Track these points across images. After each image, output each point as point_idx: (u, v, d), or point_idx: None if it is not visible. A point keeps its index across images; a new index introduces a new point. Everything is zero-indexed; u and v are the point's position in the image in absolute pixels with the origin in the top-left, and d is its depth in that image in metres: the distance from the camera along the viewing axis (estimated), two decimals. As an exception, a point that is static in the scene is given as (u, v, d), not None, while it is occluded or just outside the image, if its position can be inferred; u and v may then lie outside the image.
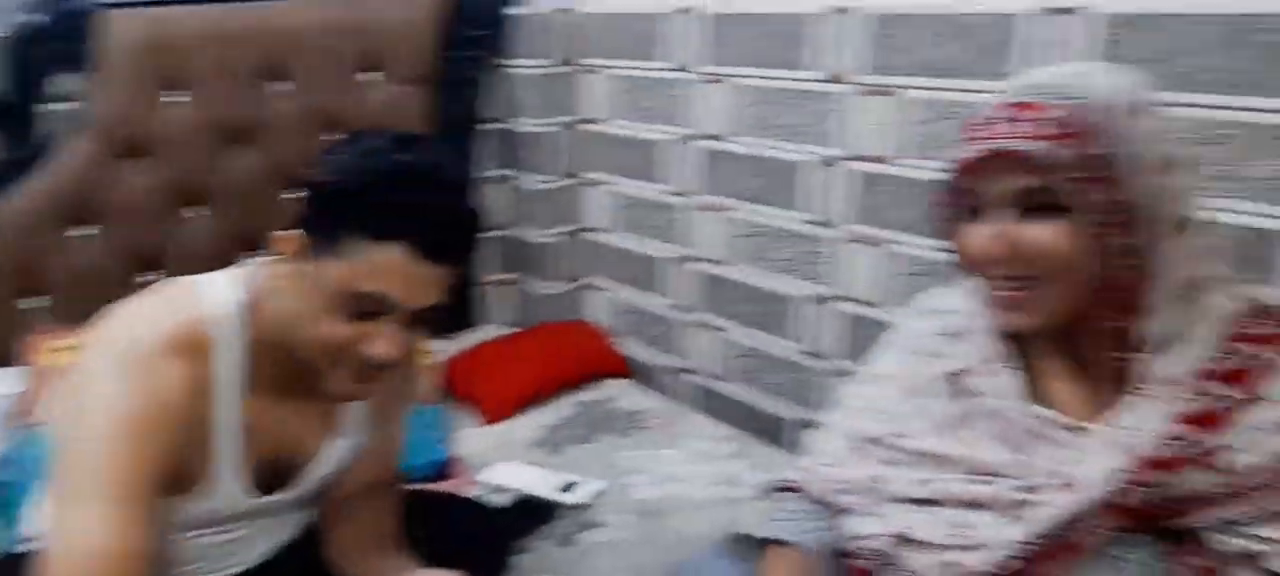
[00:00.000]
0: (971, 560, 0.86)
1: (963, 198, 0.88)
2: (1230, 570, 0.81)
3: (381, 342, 0.93)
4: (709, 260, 2.11)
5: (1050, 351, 0.92)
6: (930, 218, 0.95)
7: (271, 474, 1.07)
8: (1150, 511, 0.82)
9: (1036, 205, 0.83)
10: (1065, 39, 1.38)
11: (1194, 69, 1.26)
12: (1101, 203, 0.80)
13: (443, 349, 2.05)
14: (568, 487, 1.61)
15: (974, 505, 0.88)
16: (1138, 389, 0.84)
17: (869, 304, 1.77)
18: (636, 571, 1.40)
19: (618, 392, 2.05)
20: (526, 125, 2.31)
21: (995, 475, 0.88)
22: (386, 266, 0.90)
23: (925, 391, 0.97)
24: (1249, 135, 1.22)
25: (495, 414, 1.91)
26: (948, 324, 0.99)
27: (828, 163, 1.78)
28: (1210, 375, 0.83)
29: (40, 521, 1.02)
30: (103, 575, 0.87)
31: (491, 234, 2.43)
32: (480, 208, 0.99)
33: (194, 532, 1.06)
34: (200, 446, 1.00)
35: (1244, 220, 1.25)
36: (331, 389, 0.98)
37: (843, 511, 1.00)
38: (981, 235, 0.86)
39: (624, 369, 2.18)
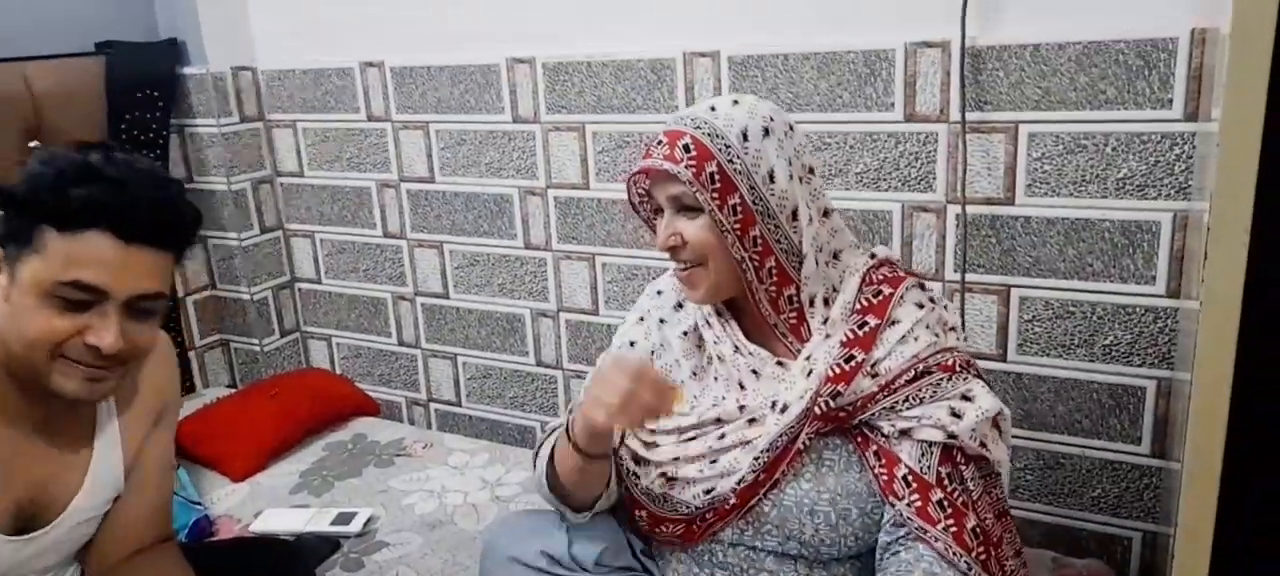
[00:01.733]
0: (725, 485, 1.11)
1: (648, 202, 1.17)
2: (895, 444, 1.08)
3: (100, 331, 0.95)
4: (430, 294, 2.26)
5: (745, 316, 1.17)
6: (639, 219, 1.22)
7: (27, 515, 1.04)
8: (838, 415, 1.08)
9: (686, 206, 1.10)
10: (704, 77, 1.75)
11: (801, 94, 1.68)
12: (723, 206, 1.07)
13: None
14: (342, 519, 1.69)
15: (720, 440, 1.12)
16: (816, 330, 1.12)
17: (584, 312, 2.05)
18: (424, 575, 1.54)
19: (368, 428, 2.12)
20: (217, 184, 2.29)
21: (730, 409, 1.12)
22: (85, 254, 0.93)
23: (666, 353, 1.21)
24: (850, 139, 1.67)
25: (242, 470, 1.89)
26: (671, 298, 1.24)
27: (532, 193, 2.03)
28: (859, 311, 1.11)
29: None
30: None
31: (194, 297, 2.37)
32: (183, 195, 1.04)
33: None
34: None
35: (857, 205, 1.69)
36: (61, 387, 0.98)
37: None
38: (660, 229, 1.13)
39: (372, 406, 2.25)
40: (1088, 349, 1.56)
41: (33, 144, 1.95)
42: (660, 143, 1.10)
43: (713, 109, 1.11)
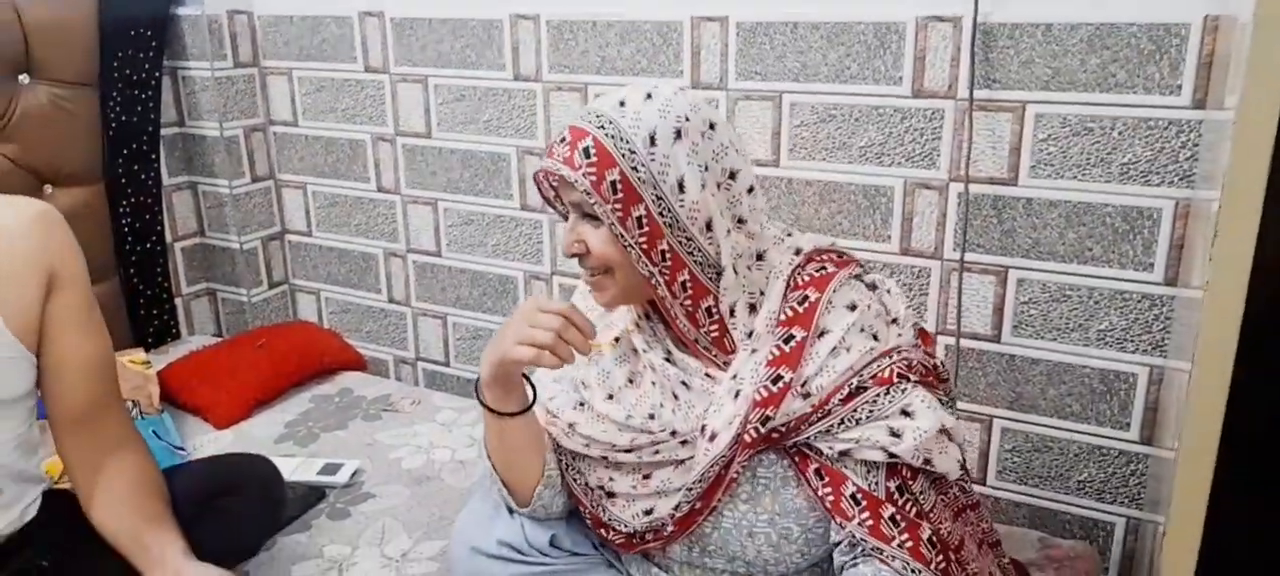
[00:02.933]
0: (662, 507, 1.08)
1: (557, 203, 1.09)
2: (837, 463, 1.01)
3: None
4: (422, 251, 2.24)
5: (672, 324, 1.09)
6: (556, 212, 1.12)
7: None
8: (770, 438, 1.00)
9: (588, 214, 1.02)
10: (711, 43, 1.73)
11: (809, 64, 1.66)
12: (626, 218, 0.98)
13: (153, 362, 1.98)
14: (329, 469, 1.68)
15: (653, 455, 1.08)
16: (741, 344, 1.06)
17: (578, 276, 2.02)
18: (411, 527, 1.53)
19: (356, 383, 2.10)
20: (209, 129, 2.26)
21: (662, 427, 1.06)
22: None
23: (601, 357, 1.14)
24: (856, 112, 1.65)
25: (225, 418, 1.87)
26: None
27: (531, 153, 2.01)
28: (784, 321, 1.03)
29: None
30: None
31: (182, 243, 2.34)
32: None
33: None
34: None
35: (859, 180, 1.68)
36: None
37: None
38: (565, 233, 1.06)
39: (360, 362, 2.23)
40: (1082, 333, 1.56)
41: (22, 77, 1.91)
42: (563, 140, 1.01)
43: (623, 104, 1.01)
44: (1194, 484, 1.06)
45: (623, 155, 0.99)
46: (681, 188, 1.00)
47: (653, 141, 0.99)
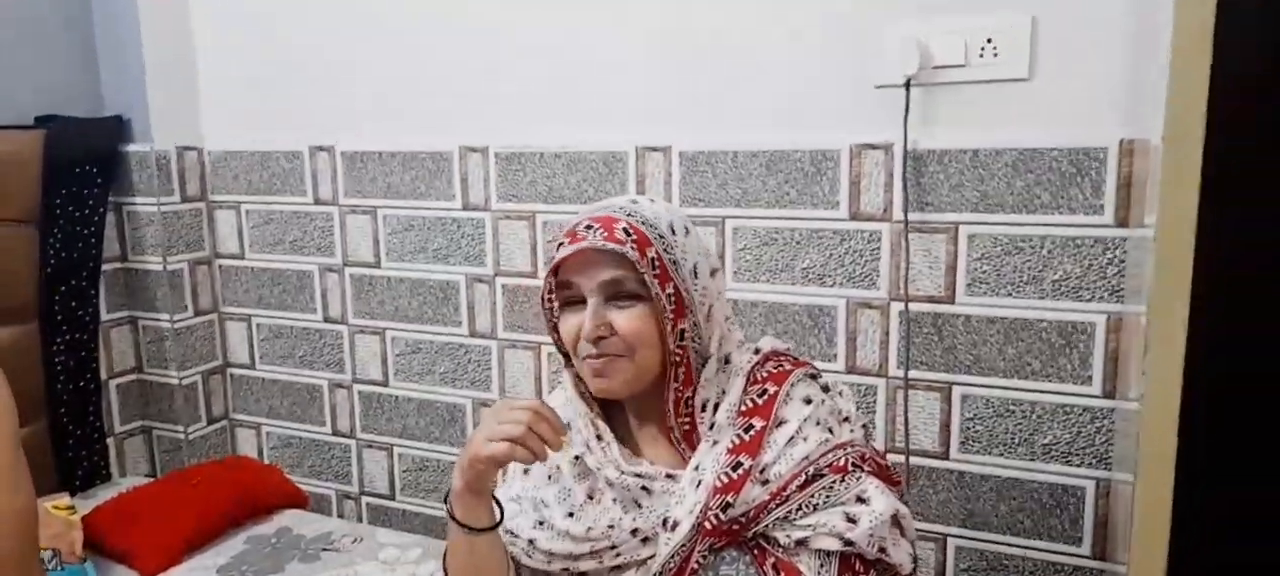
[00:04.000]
0: None
1: (564, 291, 1.09)
2: (792, 555, 1.03)
3: None
4: (368, 381, 2.20)
5: (640, 422, 1.14)
6: (538, 315, 1.14)
7: None
8: (730, 528, 1.03)
9: (619, 294, 1.05)
10: (655, 171, 1.78)
11: (749, 190, 1.71)
12: (666, 293, 1.04)
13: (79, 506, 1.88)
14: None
15: (614, 557, 1.07)
16: (704, 436, 1.08)
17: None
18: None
19: (295, 522, 2.01)
20: (152, 263, 2.23)
21: (622, 535, 1.07)
22: None
23: (559, 477, 1.14)
24: (796, 235, 1.69)
25: (153, 564, 1.77)
26: (561, 417, 1.13)
27: (479, 280, 2.01)
28: (744, 413, 1.06)
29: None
30: None
31: (118, 380, 2.27)
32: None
33: None
34: None
35: (803, 300, 1.71)
36: None
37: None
38: (580, 319, 1.06)
39: (301, 498, 2.15)
40: (1028, 447, 1.58)
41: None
42: (589, 227, 1.05)
43: (634, 202, 1.09)
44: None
45: (656, 237, 1.05)
46: (695, 273, 1.07)
47: (672, 230, 1.07)
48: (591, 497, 1.12)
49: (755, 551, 1.04)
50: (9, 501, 1.09)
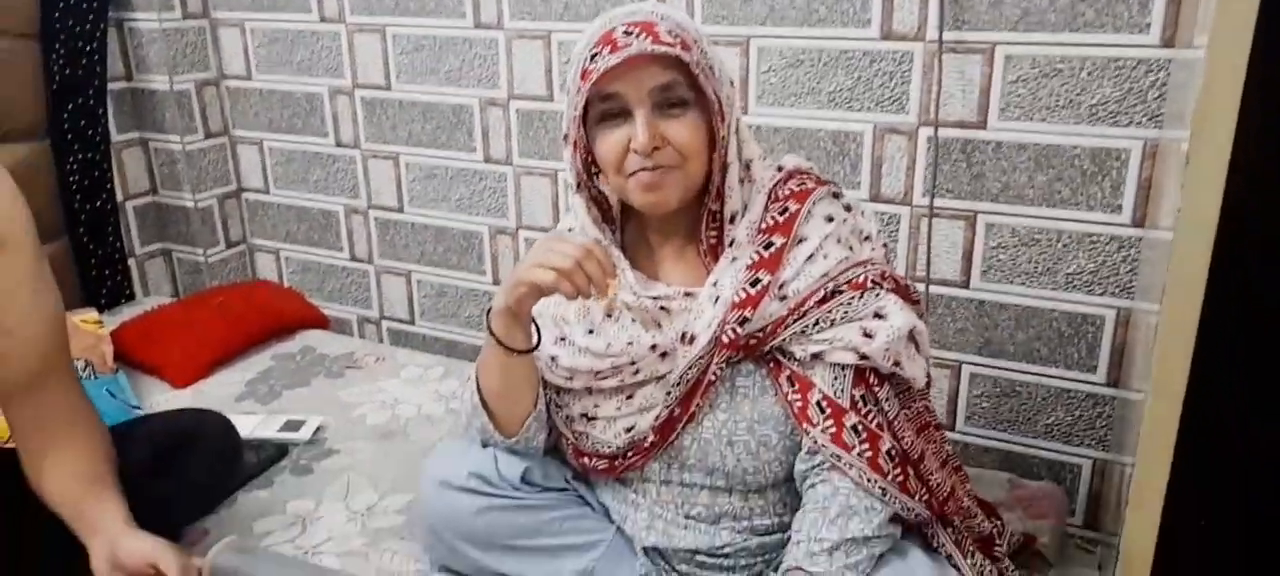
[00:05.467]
0: (643, 422, 1.09)
1: (603, 104, 1.02)
2: (808, 369, 1.03)
3: None
4: (383, 208, 2.19)
5: (664, 238, 1.12)
6: (564, 137, 1.08)
7: None
8: (748, 343, 1.05)
9: (668, 102, 1.00)
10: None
11: (777, 6, 1.63)
12: (711, 97, 1.01)
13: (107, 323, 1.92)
14: (290, 426, 1.64)
15: (634, 376, 1.09)
16: (723, 253, 1.07)
17: (544, 230, 1.99)
18: (376, 481, 1.50)
19: (318, 341, 2.05)
20: (158, 83, 2.18)
21: (641, 351, 1.07)
22: None
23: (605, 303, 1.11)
24: (824, 56, 1.63)
25: (183, 376, 1.82)
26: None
27: (493, 104, 1.96)
28: (765, 230, 1.06)
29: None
30: None
31: (134, 202, 2.27)
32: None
33: None
34: None
35: (828, 126, 1.66)
36: None
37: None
38: (624, 133, 1.00)
39: (322, 321, 2.18)
40: (1051, 277, 1.56)
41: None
42: (629, 32, 0.98)
43: (661, 3, 1.05)
44: (1162, 424, 1.07)
45: (695, 40, 1.01)
46: (721, 79, 1.04)
47: (699, 36, 1.03)
48: (610, 315, 1.12)
49: (771, 365, 1.06)
50: (37, 300, 1.09)
